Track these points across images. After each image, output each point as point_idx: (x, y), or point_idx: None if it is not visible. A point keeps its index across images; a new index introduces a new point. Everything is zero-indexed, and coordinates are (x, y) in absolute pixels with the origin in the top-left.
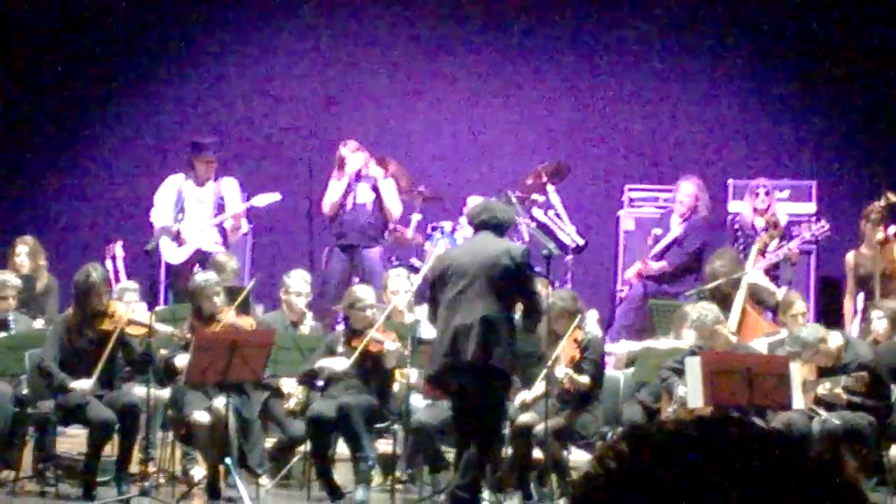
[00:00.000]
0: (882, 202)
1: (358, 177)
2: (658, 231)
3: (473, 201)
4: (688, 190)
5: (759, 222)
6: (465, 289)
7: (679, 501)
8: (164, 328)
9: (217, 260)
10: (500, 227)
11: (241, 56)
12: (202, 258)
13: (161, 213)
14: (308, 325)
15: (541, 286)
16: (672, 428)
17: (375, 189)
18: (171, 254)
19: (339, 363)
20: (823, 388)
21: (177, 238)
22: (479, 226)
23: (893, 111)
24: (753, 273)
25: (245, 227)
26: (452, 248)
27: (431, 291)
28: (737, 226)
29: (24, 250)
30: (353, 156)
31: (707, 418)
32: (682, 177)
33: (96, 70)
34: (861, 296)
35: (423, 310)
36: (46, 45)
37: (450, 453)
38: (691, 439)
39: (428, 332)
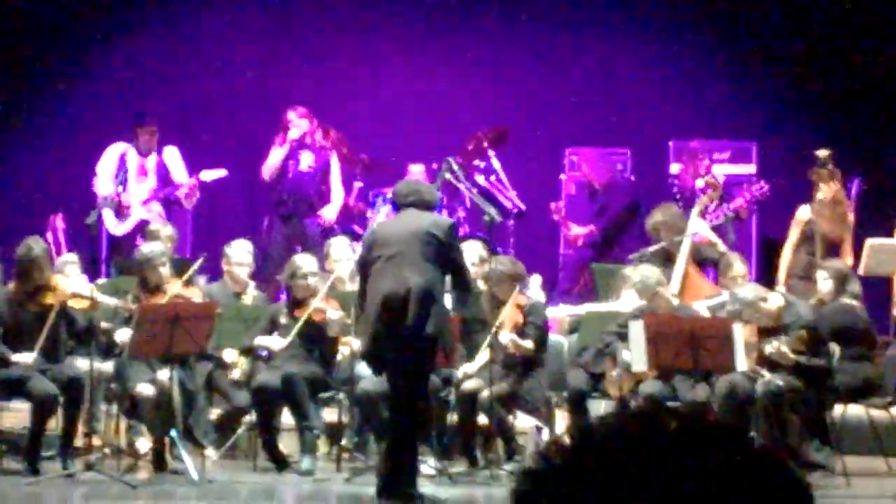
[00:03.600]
0: (818, 164)
1: (301, 144)
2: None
3: (415, 168)
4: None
5: (699, 183)
6: (393, 257)
7: (623, 496)
8: (107, 300)
9: (151, 229)
10: (426, 208)
11: (178, 21)
12: (144, 230)
13: (103, 183)
14: (251, 295)
15: (482, 252)
16: (615, 423)
17: (324, 162)
18: (114, 226)
19: (276, 342)
20: (771, 347)
21: (119, 209)
22: (405, 206)
23: (832, 70)
24: (696, 222)
25: (197, 194)
26: (379, 223)
27: (361, 269)
28: (675, 189)
29: None
30: (299, 121)
31: (648, 412)
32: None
33: (31, 41)
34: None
35: None
36: None
37: None
38: (633, 434)
39: None
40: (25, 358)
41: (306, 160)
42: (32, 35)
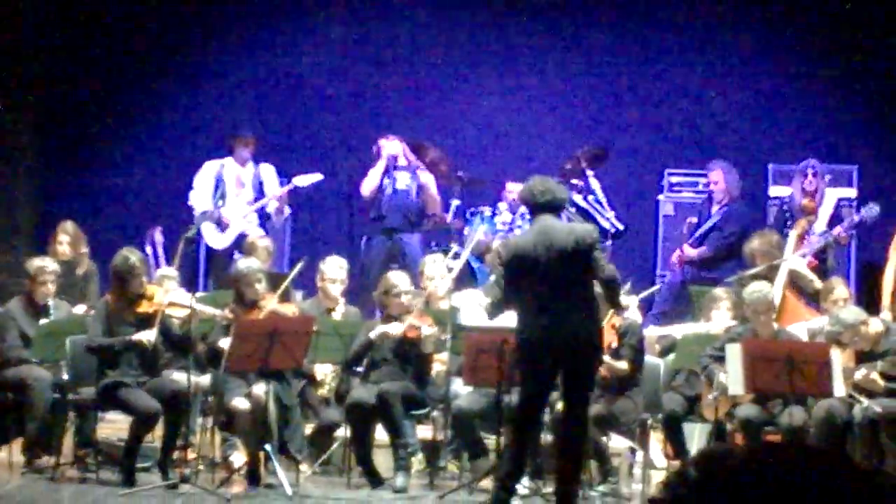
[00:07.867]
0: None
1: (395, 165)
2: (694, 219)
3: (513, 187)
4: (714, 176)
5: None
6: (546, 287)
7: None
8: (206, 308)
9: (248, 242)
10: (559, 208)
11: (279, 41)
12: (241, 244)
13: (200, 197)
14: (340, 311)
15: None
16: (743, 455)
17: (416, 179)
18: (214, 239)
19: (395, 328)
20: (859, 375)
21: (219, 223)
22: (541, 207)
23: None
24: (793, 259)
25: (286, 210)
26: (520, 236)
27: (503, 279)
28: (786, 207)
29: (65, 238)
30: (389, 143)
31: (776, 444)
32: (709, 164)
33: (135, 56)
34: None
35: (462, 296)
36: (86, 34)
37: (489, 440)
38: (762, 467)
39: (468, 318)
40: (147, 335)
41: (403, 179)
42: (132, 52)
